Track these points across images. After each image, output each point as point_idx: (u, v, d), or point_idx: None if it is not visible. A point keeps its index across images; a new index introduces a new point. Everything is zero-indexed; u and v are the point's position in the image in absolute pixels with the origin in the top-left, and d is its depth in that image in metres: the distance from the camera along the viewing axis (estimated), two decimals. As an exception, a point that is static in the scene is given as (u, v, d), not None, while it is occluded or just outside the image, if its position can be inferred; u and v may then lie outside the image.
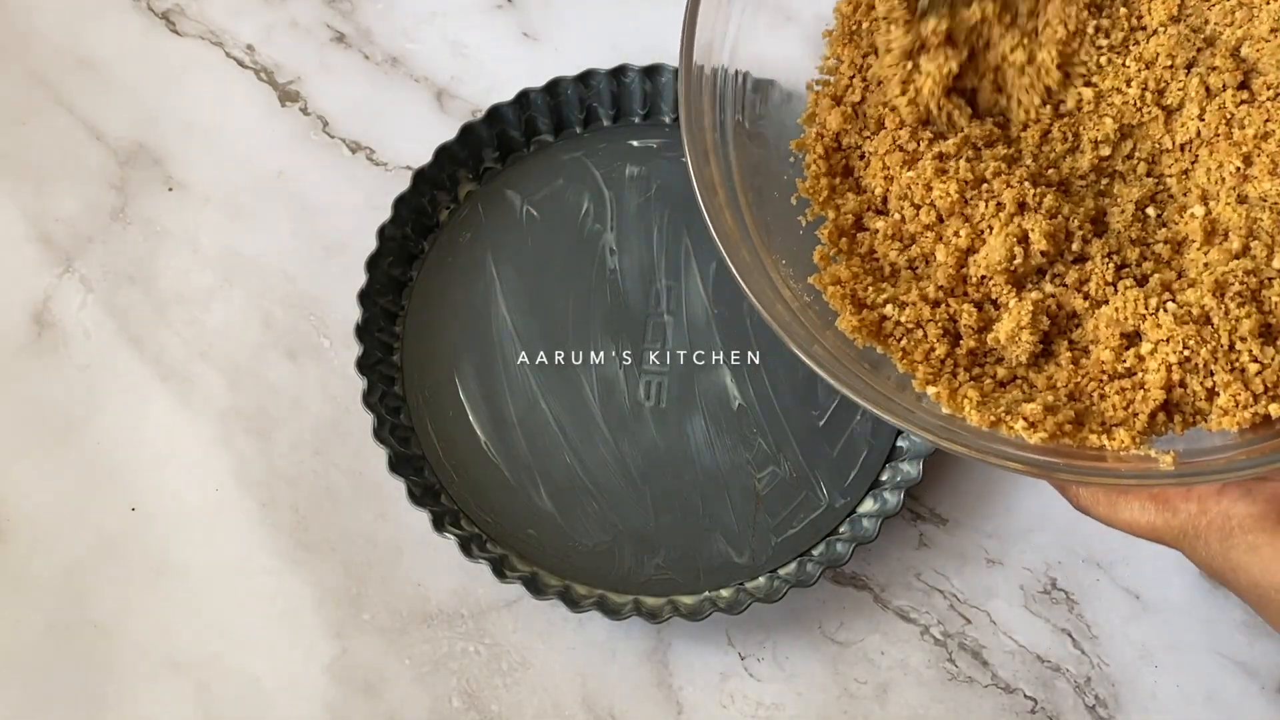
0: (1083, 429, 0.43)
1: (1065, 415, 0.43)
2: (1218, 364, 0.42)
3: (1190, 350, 0.42)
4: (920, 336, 0.46)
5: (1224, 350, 0.42)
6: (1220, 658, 0.54)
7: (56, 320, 0.61)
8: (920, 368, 0.45)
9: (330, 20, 0.68)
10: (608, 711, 0.54)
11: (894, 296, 0.46)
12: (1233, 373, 0.42)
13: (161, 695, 0.54)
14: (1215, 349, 0.42)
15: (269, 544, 0.56)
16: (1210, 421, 0.42)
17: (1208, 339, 0.42)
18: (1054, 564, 0.56)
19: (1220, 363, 0.42)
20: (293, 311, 0.61)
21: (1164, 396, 0.42)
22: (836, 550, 0.54)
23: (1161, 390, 0.42)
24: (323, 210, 0.63)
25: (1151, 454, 0.41)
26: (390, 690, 0.54)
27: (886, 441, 0.56)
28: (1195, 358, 0.42)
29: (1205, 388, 0.42)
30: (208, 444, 0.58)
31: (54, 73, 0.67)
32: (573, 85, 0.61)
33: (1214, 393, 0.42)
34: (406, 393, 0.58)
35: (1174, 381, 0.42)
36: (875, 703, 0.54)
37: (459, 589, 0.55)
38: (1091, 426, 0.43)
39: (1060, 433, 0.42)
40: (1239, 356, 0.42)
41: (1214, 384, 0.42)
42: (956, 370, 0.45)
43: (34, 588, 0.56)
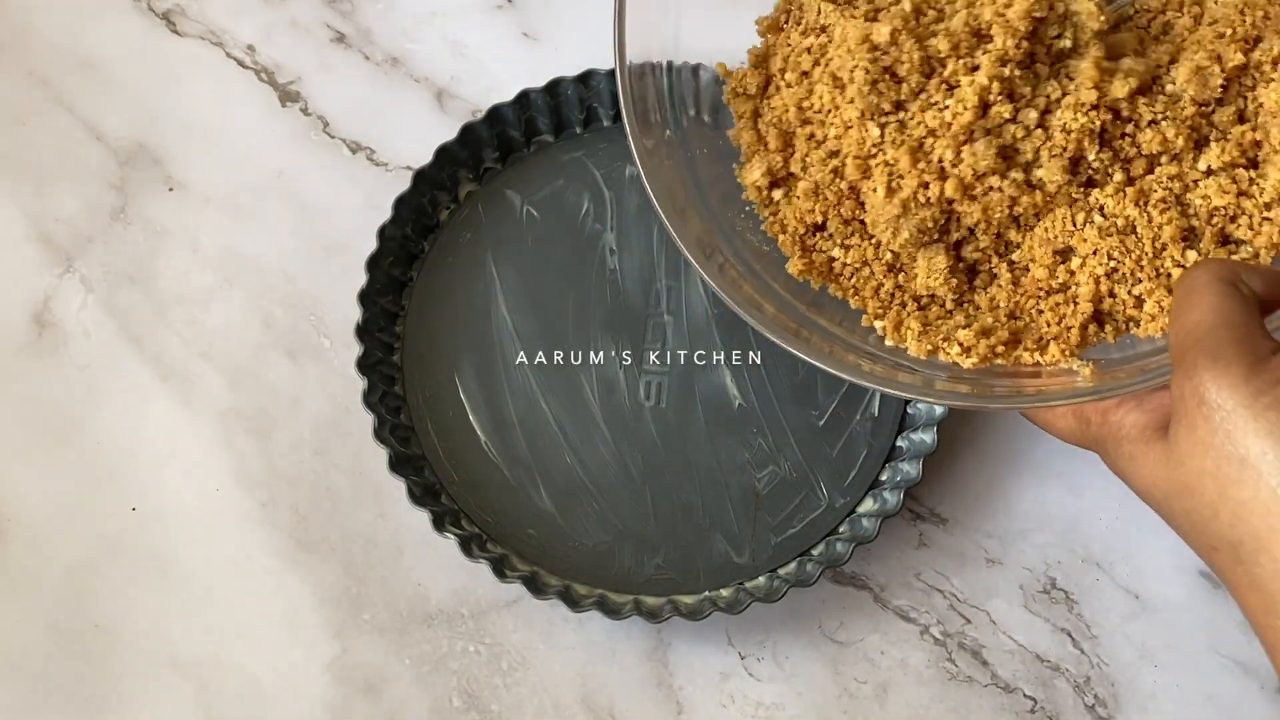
0: (1017, 348, 0.44)
1: (999, 336, 0.44)
2: (1143, 271, 0.43)
3: (1116, 260, 0.43)
4: (867, 274, 0.47)
5: (1149, 258, 0.43)
6: (1220, 658, 0.54)
7: (57, 320, 0.61)
8: (869, 303, 0.47)
9: (330, 20, 0.68)
10: (608, 711, 0.54)
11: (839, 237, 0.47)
12: (1158, 279, 0.43)
13: (161, 695, 0.54)
14: (1140, 257, 0.43)
15: (269, 544, 0.56)
16: (1139, 328, 0.44)
17: (1131, 248, 0.43)
18: (1054, 564, 0.56)
19: (1146, 270, 0.43)
20: (293, 311, 0.61)
21: (1092, 308, 0.44)
22: (836, 550, 0.54)
23: (1090, 302, 0.44)
24: (323, 210, 0.63)
25: (1074, 366, 0.43)
26: (390, 690, 0.54)
27: (886, 441, 0.56)
28: (1121, 267, 0.43)
29: (1133, 296, 0.43)
30: (208, 444, 0.58)
31: (54, 73, 0.67)
32: (573, 85, 0.61)
33: (1141, 300, 0.43)
34: (406, 393, 0.58)
35: (1103, 293, 0.44)
36: (875, 702, 0.54)
37: (459, 589, 0.56)
38: (1026, 344, 0.44)
39: (993, 354, 0.44)
40: (1163, 263, 0.43)
41: (1140, 292, 0.43)
42: (905, 302, 0.47)
43: (34, 588, 0.56)
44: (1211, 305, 0.36)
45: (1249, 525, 0.34)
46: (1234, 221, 0.43)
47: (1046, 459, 0.58)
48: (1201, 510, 0.36)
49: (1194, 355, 0.35)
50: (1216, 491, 0.35)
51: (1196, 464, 0.36)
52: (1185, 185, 0.43)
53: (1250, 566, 0.35)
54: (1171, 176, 0.43)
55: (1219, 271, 0.37)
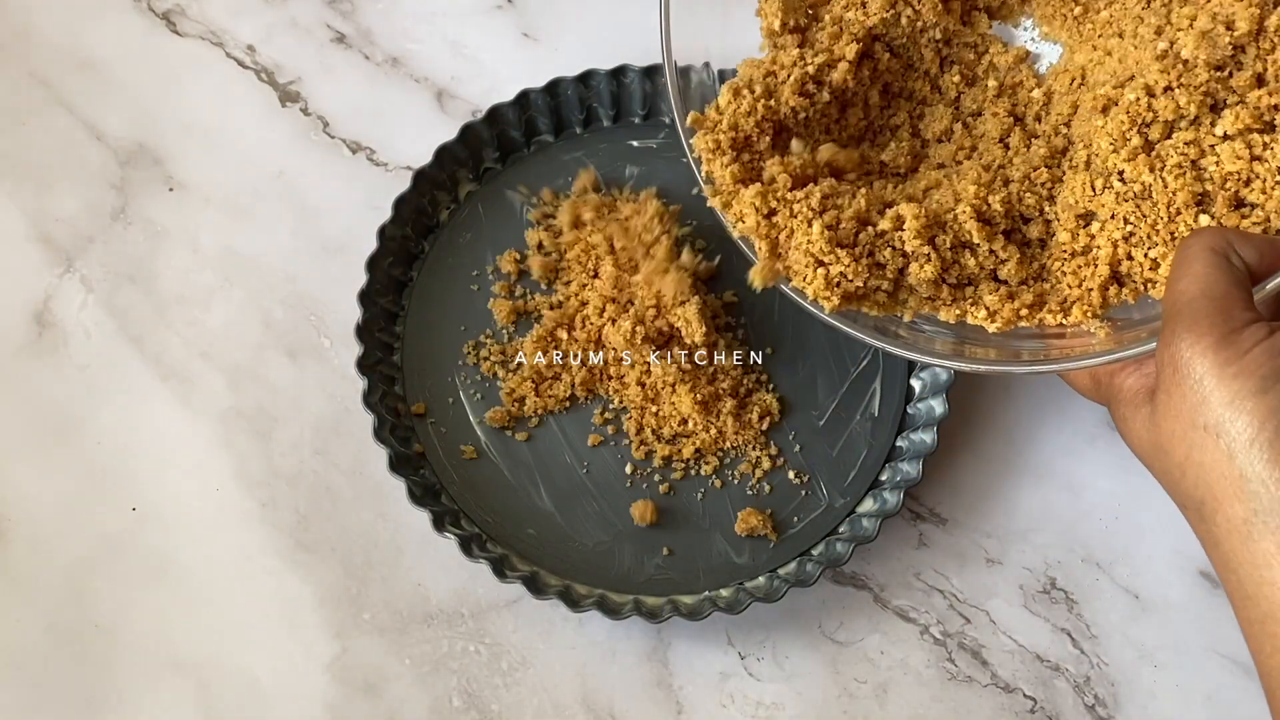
0: (1041, 309, 0.46)
1: (1023, 300, 0.46)
2: (1158, 235, 0.44)
3: (1132, 225, 0.44)
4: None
5: (1164, 222, 0.44)
6: (1220, 658, 0.54)
7: (57, 320, 0.61)
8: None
9: (330, 20, 0.68)
10: (608, 711, 0.54)
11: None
12: (1172, 242, 0.44)
13: (161, 695, 0.54)
14: (1155, 221, 0.44)
15: (269, 544, 0.56)
16: (1155, 290, 0.45)
17: (1147, 213, 0.44)
18: (1053, 564, 0.56)
19: (1161, 234, 0.44)
20: (293, 311, 0.61)
21: (1109, 270, 0.45)
22: (836, 550, 0.54)
23: (1108, 265, 0.45)
24: (323, 210, 0.63)
25: (1092, 328, 0.45)
26: (390, 690, 0.54)
27: (886, 441, 0.56)
28: (1138, 231, 0.44)
29: (1150, 259, 0.44)
30: (208, 444, 0.58)
31: (54, 73, 0.67)
32: (573, 85, 0.61)
33: (1157, 263, 0.44)
34: (406, 393, 0.58)
35: (1120, 256, 0.45)
36: (875, 702, 0.54)
37: (459, 589, 0.55)
38: (1050, 307, 0.46)
39: (1017, 317, 0.46)
40: (1178, 227, 0.44)
41: (1156, 255, 0.44)
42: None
43: (34, 588, 0.56)
44: (1198, 275, 0.37)
45: (1209, 486, 0.36)
46: (1247, 185, 0.43)
47: (1046, 459, 0.58)
48: (1172, 471, 0.38)
49: (1174, 323, 0.37)
50: (1184, 454, 0.37)
51: (1169, 426, 0.38)
52: (1201, 150, 0.44)
53: (1210, 525, 0.37)
54: (1188, 142, 0.44)
55: (1210, 241, 0.38)
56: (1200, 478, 0.37)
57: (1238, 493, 0.35)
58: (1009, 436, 0.58)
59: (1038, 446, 0.58)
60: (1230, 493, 0.35)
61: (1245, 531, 0.35)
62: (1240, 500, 0.35)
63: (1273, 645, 0.35)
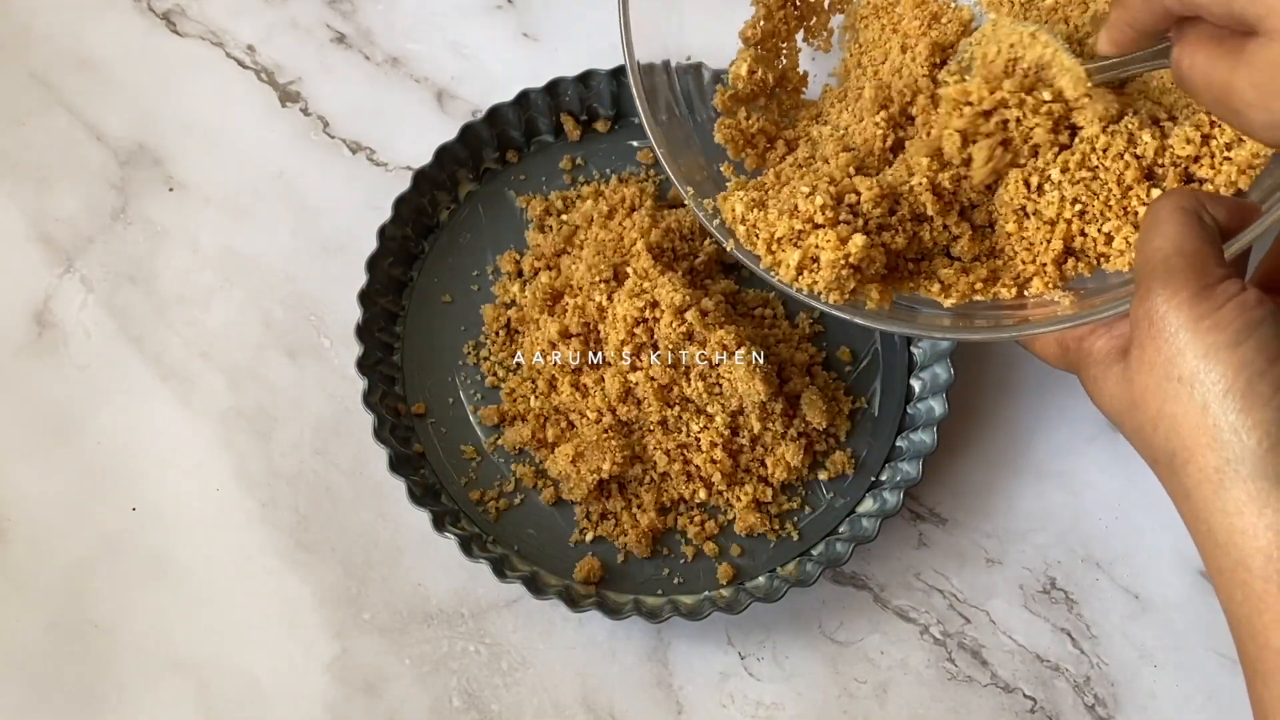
0: (996, 284, 0.47)
1: (978, 274, 0.47)
2: (1110, 210, 0.45)
3: (1083, 203, 0.45)
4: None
5: (1116, 198, 0.45)
6: (1220, 657, 0.54)
7: (57, 320, 0.61)
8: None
9: (331, 21, 0.68)
10: (608, 711, 0.54)
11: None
12: (1125, 216, 0.45)
13: (161, 695, 0.54)
14: (1107, 198, 0.45)
15: (269, 544, 0.56)
16: (1109, 263, 0.46)
17: (1098, 191, 0.45)
18: (1053, 564, 0.56)
19: (1114, 208, 0.45)
20: (293, 311, 0.61)
21: (1063, 245, 0.46)
22: (836, 550, 0.54)
23: (1062, 241, 0.46)
24: (323, 210, 0.63)
25: (1056, 297, 0.46)
26: (390, 690, 0.54)
27: (886, 441, 0.56)
28: (1090, 209, 0.46)
29: (1103, 234, 0.46)
30: (208, 444, 0.58)
31: (54, 73, 0.67)
32: (573, 85, 0.61)
33: (1110, 237, 0.46)
34: (406, 393, 0.58)
35: (1074, 232, 0.46)
36: (875, 702, 0.54)
37: (459, 589, 0.55)
38: (1004, 281, 0.47)
39: (972, 291, 0.47)
40: (1130, 202, 0.45)
41: (1109, 229, 0.45)
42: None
43: (34, 588, 0.56)
44: (1171, 234, 0.38)
45: (1180, 438, 0.37)
46: (1196, 162, 0.45)
47: (1046, 459, 0.58)
48: (1144, 425, 0.39)
49: (1149, 280, 0.38)
50: (1156, 407, 0.38)
51: (1143, 381, 0.38)
52: (1130, 134, 0.46)
53: (1181, 478, 0.37)
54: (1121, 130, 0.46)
55: (1182, 201, 0.39)
56: (1173, 429, 0.37)
57: (1210, 442, 0.36)
58: (1009, 436, 0.58)
59: (1038, 446, 0.58)
60: (1203, 443, 0.36)
61: (1217, 480, 0.36)
62: (1213, 450, 0.36)
63: (1243, 593, 0.36)
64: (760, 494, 0.54)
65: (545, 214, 0.61)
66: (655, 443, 0.53)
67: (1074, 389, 0.59)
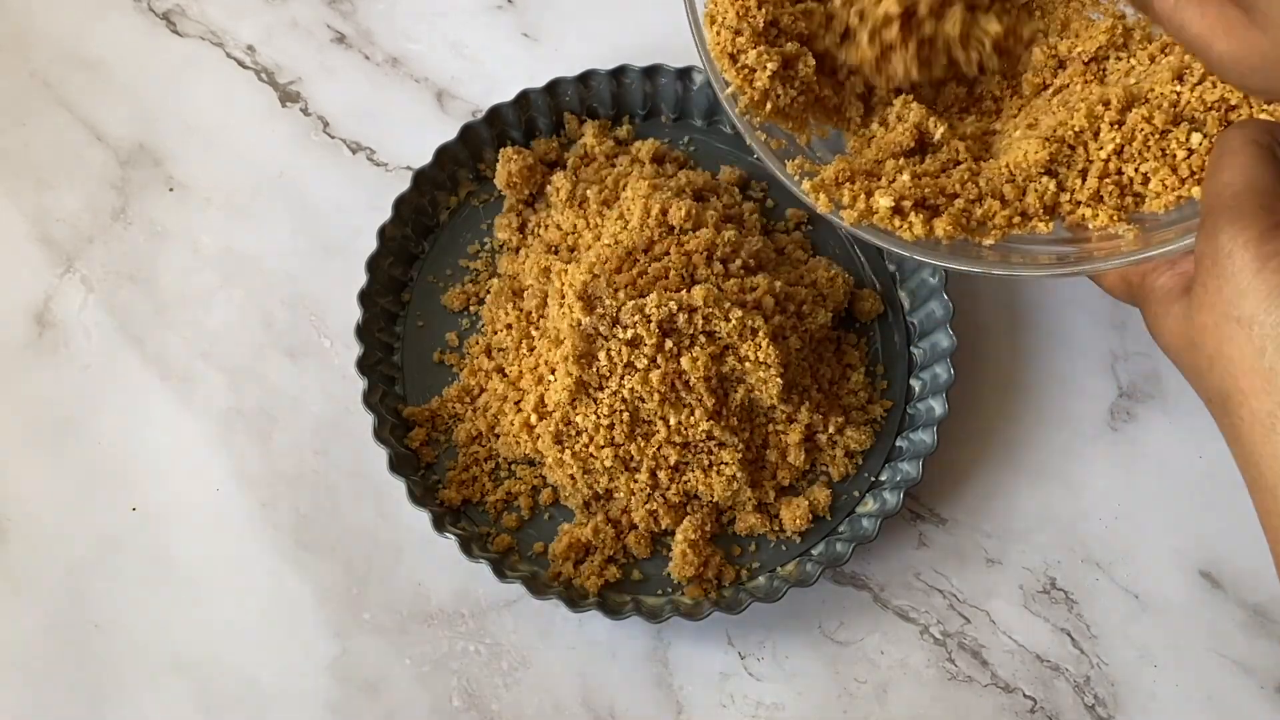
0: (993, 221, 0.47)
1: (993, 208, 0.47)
2: (1149, 151, 0.45)
3: (1124, 140, 0.45)
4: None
5: (1155, 138, 0.45)
6: (1220, 657, 0.54)
7: (57, 320, 0.61)
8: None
9: (330, 21, 0.68)
10: (608, 711, 0.54)
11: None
12: (1162, 159, 0.45)
13: (161, 695, 0.54)
14: (1147, 137, 0.45)
15: (269, 544, 0.56)
16: (1145, 205, 0.46)
17: (1137, 131, 0.45)
18: (1053, 564, 0.56)
19: (1152, 149, 0.45)
20: (293, 311, 0.61)
21: (1096, 184, 0.46)
22: (836, 550, 0.54)
23: (1097, 178, 0.46)
24: (323, 210, 0.63)
25: (1119, 230, 0.45)
26: (390, 690, 0.54)
27: (887, 441, 0.56)
28: (1128, 148, 0.45)
29: (1140, 174, 0.45)
30: (208, 444, 0.58)
31: (54, 73, 0.67)
32: (573, 85, 0.61)
33: (1147, 178, 0.45)
34: (406, 393, 0.58)
35: (1110, 170, 0.46)
36: (875, 702, 0.54)
37: (459, 589, 0.55)
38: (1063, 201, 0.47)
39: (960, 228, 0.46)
40: (1169, 144, 0.45)
41: (1147, 170, 0.45)
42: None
43: (34, 588, 0.56)
44: (1242, 166, 0.37)
45: (1235, 380, 0.36)
46: (1234, 109, 0.45)
47: (1046, 459, 0.58)
48: (1200, 363, 0.38)
49: (1216, 216, 0.37)
50: (1214, 346, 0.37)
51: (1202, 319, 0.38)
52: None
53: (1234, 420, 0.37)
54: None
55: (1253, 133, 0.38)
56: (1228, 371, 0.36)
57: (1265, 386, 0.35)
58: (1009, 436, 0.58)
59: (1038, 446, 0.58)
60: (1259, 386, 0.35)
61: (1269, 424, 0.35)
62: (1267, 394, 0.35)
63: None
64: (761, 495, 0.54)
65: (571, 195, 0.60)
66: (656, 442, 0.53)
67: (1074, 389, 0.59)
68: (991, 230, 0.46)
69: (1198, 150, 0.45)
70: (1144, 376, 0.59)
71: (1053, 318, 0.60)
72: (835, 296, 0.57)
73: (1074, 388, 0.59)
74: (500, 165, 0.59)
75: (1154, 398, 0.59)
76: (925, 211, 0.46)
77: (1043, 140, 0.47)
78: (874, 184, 0.47)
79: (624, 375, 0.51)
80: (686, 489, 0.53)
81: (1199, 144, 0.45)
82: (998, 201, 0.47)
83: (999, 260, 0.46)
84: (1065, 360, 0.60)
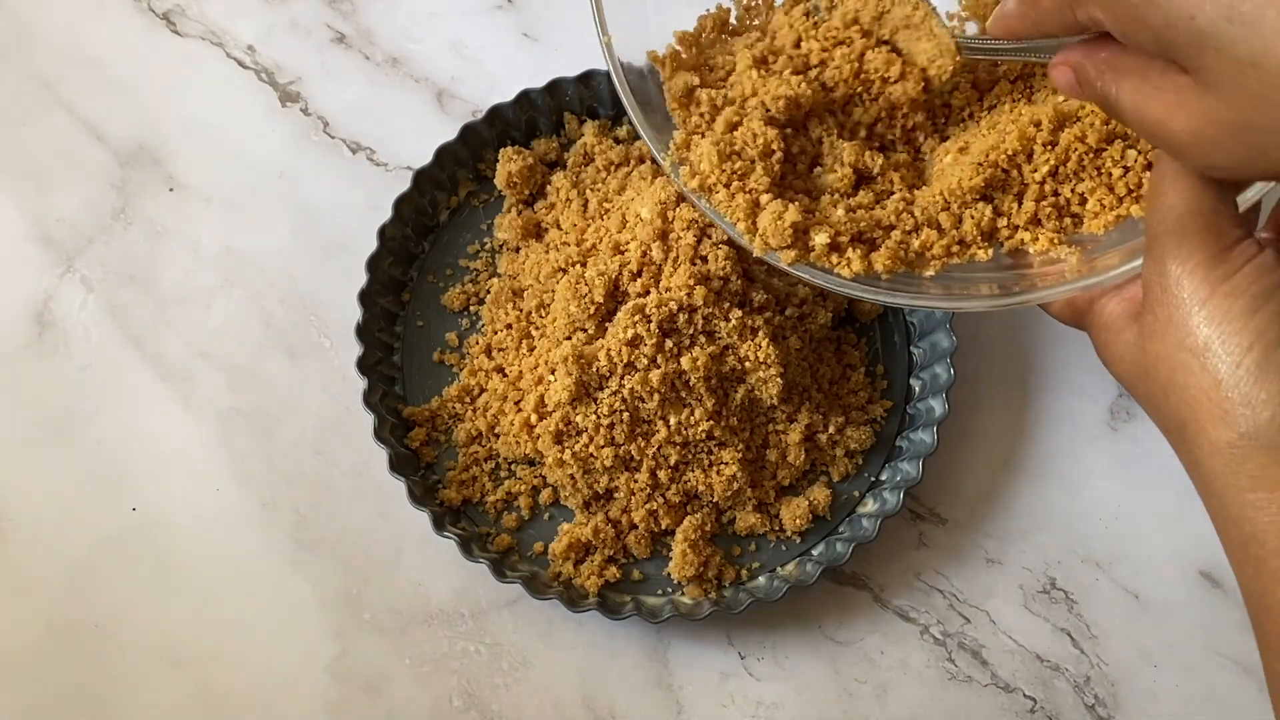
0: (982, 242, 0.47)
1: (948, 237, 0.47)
2: (1084, 170, 0.45)
3: (1057, 161, 0.45)
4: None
5: (1090, 157, 0.45)
6: (1220, 658, 0.54)
7: (57, 320, 0.61)
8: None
9: (331, 21, 0.68)
10: (608, 711, 0.54)
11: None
12: (1098, 177, 0.45)
13: (162, 695, 0.54)
14: (1081, 156, 0.45)
15: (269, 544, 0.56)
16: (1084, 226, 0.45)
17: (1071, 151, 0.45)
18: (1053, 564, 0.56)
19: (1087, 169, 0.45)
20: (293, 311, 0.61)
21: (1034, 208, 0.46)
22: (836, 550, 0.54)
23: (1033, 201, 0.45)
24: (323, 210, 0.63)
25: (1062, 254, 0.45)
26: (391, 690, 0.54)
27: (887, 441, 0.56)
28: (1063, 169, 0.45)
29: (1077, 194, 0.45)
30: (208, 444, 0.58)
31: (54, 73, 0.67)
32: (573, 85, 0.61)
33: (1084, 198, 0.45)
34: (407, 393, 0.58)
35: (1046, 193, 0.46)
36: (875, 702, 0.54)
37: (459, 589, 0.56)
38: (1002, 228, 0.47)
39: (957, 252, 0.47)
40: (1104, 162, 0.45)
41: (1083, 190, 0.45)
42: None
43: (34, 588, 0.56)
44: (1185, 190, 0.36)
45: (1191, 410, 0.36)
46: None
47: (1046, 459, 0.58)
48: (1154, 393, 0.37)
49: (1162, 242, 0.36)
50: (1167, 376, 0.36)
51: (1155, 348, 0.37)
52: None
53: (1192, 449, 0.36)
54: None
55: None
56: (1183, 400, 0.36)
57: (1222, 416, 0.35)
58: (1009, 436, 0.58)
59: (1038, 446, 0.58)
60: (1215, 416, 0.35)
61: (1228, 455, 0.35)
62: (1224, 424, 0.34)
63: (1255, 568, 0.35)
64: (761, 495, 0.54)
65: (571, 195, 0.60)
66: (656, 442, 0.53)
67: (1074, 389, 0.59)
68: (930, 261, 0.46)
69: (1134, 167, 0.44)
70: (1144, 376, 0.59)
71: (1052, 318, 0.60)
72: (835, 297, 0.57)
73: (1074, 388, 0.59)
74: (500, 165, 0.59)
75: (1154, 398, 0.59)
76: (862, 246, 0.46)
77: (976, 165, 0.46)
78: (810, 221, 0.46)
79: (624, 375, 0.51)
80: (686, 489, 0.53)
81: (1134, 160, 0.44)
82: (934, 231, 0.46)
83: (942, 293, 0.46)
84: (1065, 360, 0.60)
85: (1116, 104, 0.35)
